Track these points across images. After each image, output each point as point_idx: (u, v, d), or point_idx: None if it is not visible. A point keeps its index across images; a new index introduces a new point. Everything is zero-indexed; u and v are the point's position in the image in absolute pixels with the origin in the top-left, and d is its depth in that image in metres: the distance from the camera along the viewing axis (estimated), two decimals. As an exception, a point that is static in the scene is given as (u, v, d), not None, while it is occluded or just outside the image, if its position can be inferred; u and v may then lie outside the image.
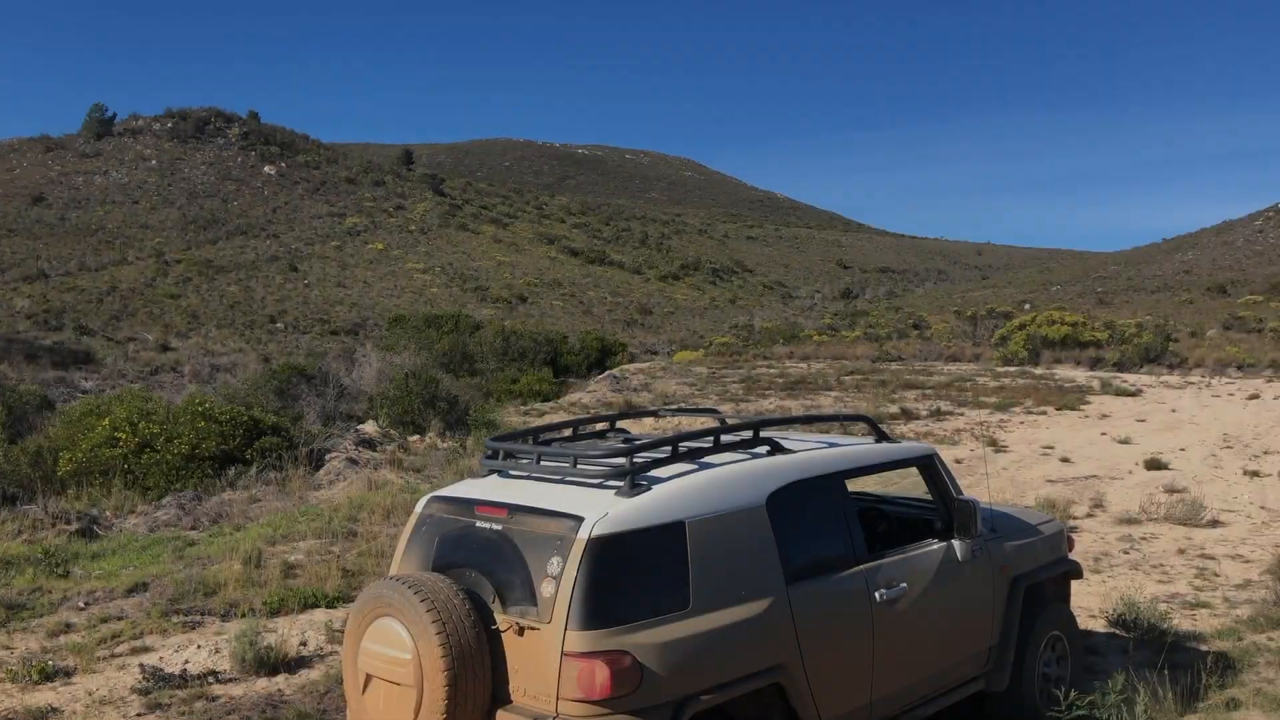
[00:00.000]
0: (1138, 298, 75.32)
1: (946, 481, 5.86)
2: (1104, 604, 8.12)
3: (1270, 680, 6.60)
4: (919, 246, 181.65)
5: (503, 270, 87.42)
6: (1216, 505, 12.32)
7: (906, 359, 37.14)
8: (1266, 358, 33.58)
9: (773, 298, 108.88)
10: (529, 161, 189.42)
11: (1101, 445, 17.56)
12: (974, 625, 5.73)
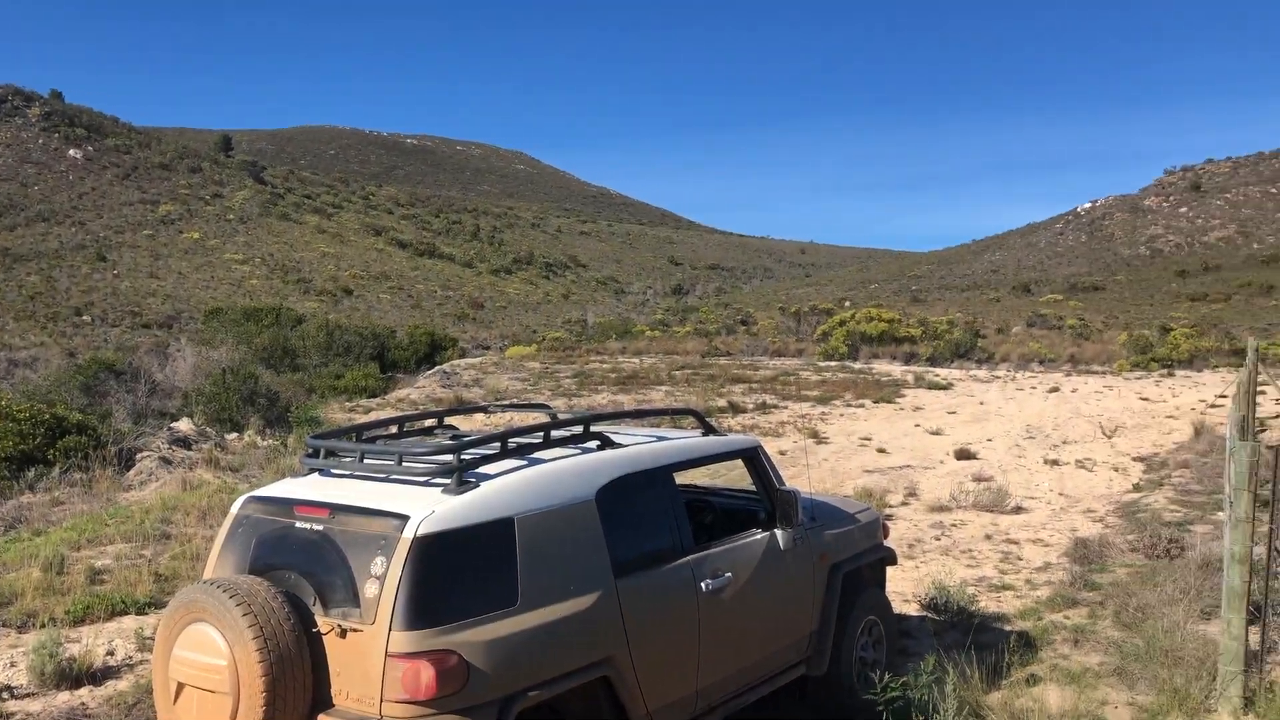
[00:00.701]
0: (949, 296, 79.19)
1: (770, 473, 6.01)
2: (917, 588, 8.50)
3: (1066, 656, 7.04)
4: (747, 245, 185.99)
5: (327, 262, 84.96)
6: (1020, 493, 13.07)
7: (735, 354, 37.97)
8: (1065, 353, 35.85)
9: (606, 293, 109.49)
10: (355, 150, 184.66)
11: (915, 436, 18.38)
12: (795, 612, 5.90)
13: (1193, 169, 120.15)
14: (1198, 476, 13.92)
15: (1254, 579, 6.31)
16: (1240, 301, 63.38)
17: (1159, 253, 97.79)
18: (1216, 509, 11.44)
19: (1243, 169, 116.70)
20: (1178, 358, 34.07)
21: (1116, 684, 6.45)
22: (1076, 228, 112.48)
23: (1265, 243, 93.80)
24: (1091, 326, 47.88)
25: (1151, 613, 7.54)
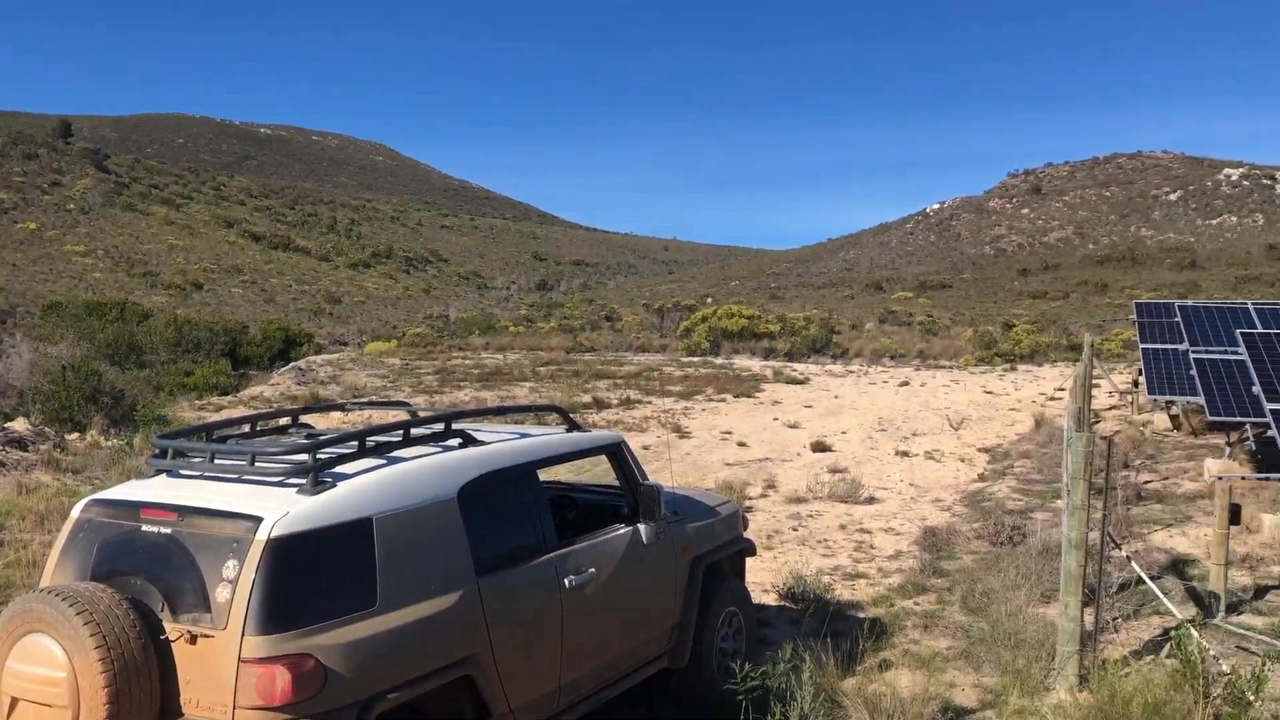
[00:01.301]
0: (806, 293, 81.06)
1: (633, 468, 6.06)
2: (776, 579, 8.69)
3: (916, 641, 7.30)
4: (611, 241, 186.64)
5: (175, 255, 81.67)
6: (873, 483, 13.49)
7: (599, 350, 38.07)
8: (915, 349, 37.15)
9: (468, 288, 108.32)
10: (206, 139, 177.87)
11: (774, 430, 18.77)
12: (658, 606, 5.96)
13: (1034, 172, 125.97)
14: (1038, 466, 14.62)
15: (1089, 563, 6.67)
16: (1077, 299, 66.75)
17: (1003, 252, 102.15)
18: (1055, 497, 12.03)
19: (1080, 173, 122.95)
20: (1020, 353, 35.71)
21: (964, 666, 6.73)
22: (926, 228, 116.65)
23: (1100, 243, 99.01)
24: (940, 323, 49.75)
25: (996, 597, 7.89)
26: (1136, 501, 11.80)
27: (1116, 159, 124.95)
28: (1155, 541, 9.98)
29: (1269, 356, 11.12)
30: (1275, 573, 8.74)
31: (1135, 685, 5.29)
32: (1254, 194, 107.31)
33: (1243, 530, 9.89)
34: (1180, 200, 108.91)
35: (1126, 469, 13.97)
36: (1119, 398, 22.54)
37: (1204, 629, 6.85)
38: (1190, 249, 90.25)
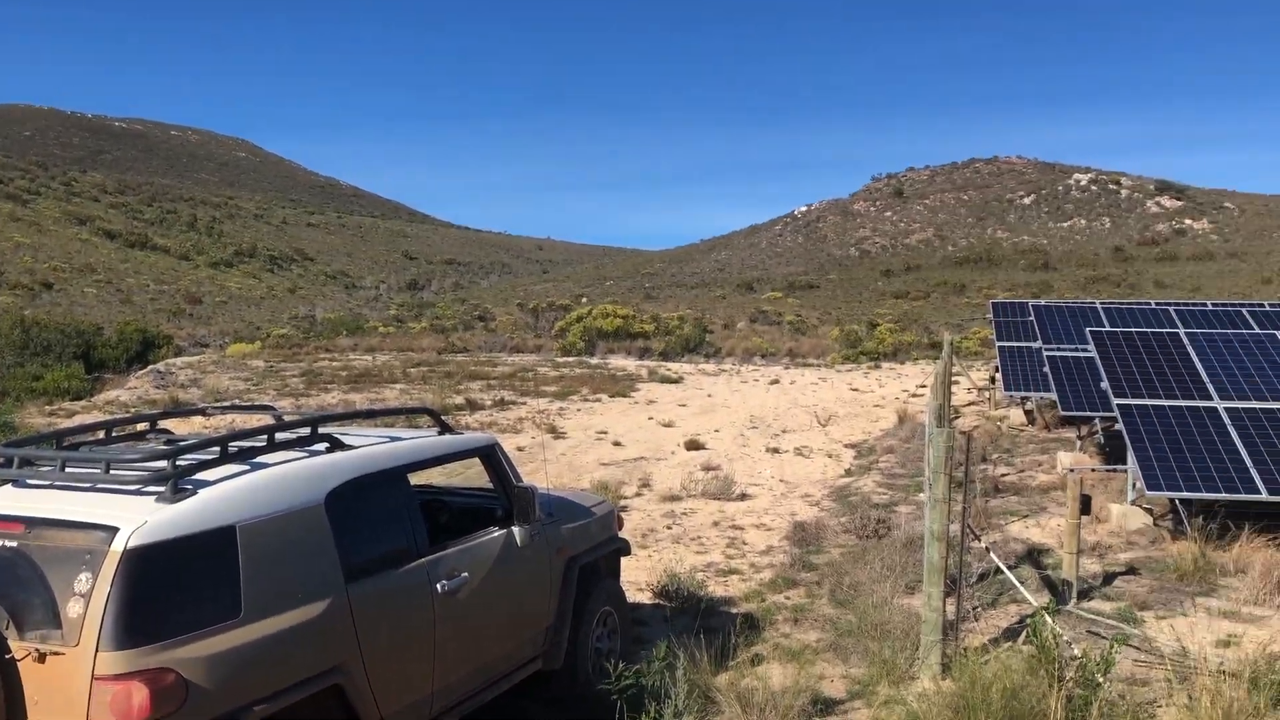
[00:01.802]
0: (680, 293, 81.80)
1: (507, 469, 6.02)
2: (651, 577, 8.74)
3: (787, 635, 7.45)
4: (483, 240, 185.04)
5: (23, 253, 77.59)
6: (745, 480, 13.70)
7: (472, 351, 37.69)
8: (785, 347, 37.88)
9: (336, 288, 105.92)
10: (55, 132, 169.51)
11: (649, 429, 18.89)
12: (533, 608, 5.93)
13: (896, 176, 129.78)
14: (902, 461, 15.07)
15: (950, 554, 6.90)
16: (937, 299, 69.05)
17: (867, 253, 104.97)
18: (918, 490, 12.42)
19: (939, 177, 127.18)
20: (883, 351, 36.77)
21: (833, 658, 6.89)
22: (794, 229, 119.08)
23: (958, 245, 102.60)
24: (808, 322, 50.83)
25: (863, 590, 8.10)
26: (994, 494, 12.28)
27: (974, 164, 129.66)
28: (1012, 532, 10.40)
29: (1115, 354, 11.70)
30: (1123, 560, 9.20)
31: (995, 672, 5.50)
32: (1101, 198, 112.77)
33: (1093, 520, 10.38)
34: (1034, 204, 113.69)
35: (985, 463, 14.52)
36: (977, 394, 23.40)
37: (1058, 615, 7.16)
38: (1043, 250, 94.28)
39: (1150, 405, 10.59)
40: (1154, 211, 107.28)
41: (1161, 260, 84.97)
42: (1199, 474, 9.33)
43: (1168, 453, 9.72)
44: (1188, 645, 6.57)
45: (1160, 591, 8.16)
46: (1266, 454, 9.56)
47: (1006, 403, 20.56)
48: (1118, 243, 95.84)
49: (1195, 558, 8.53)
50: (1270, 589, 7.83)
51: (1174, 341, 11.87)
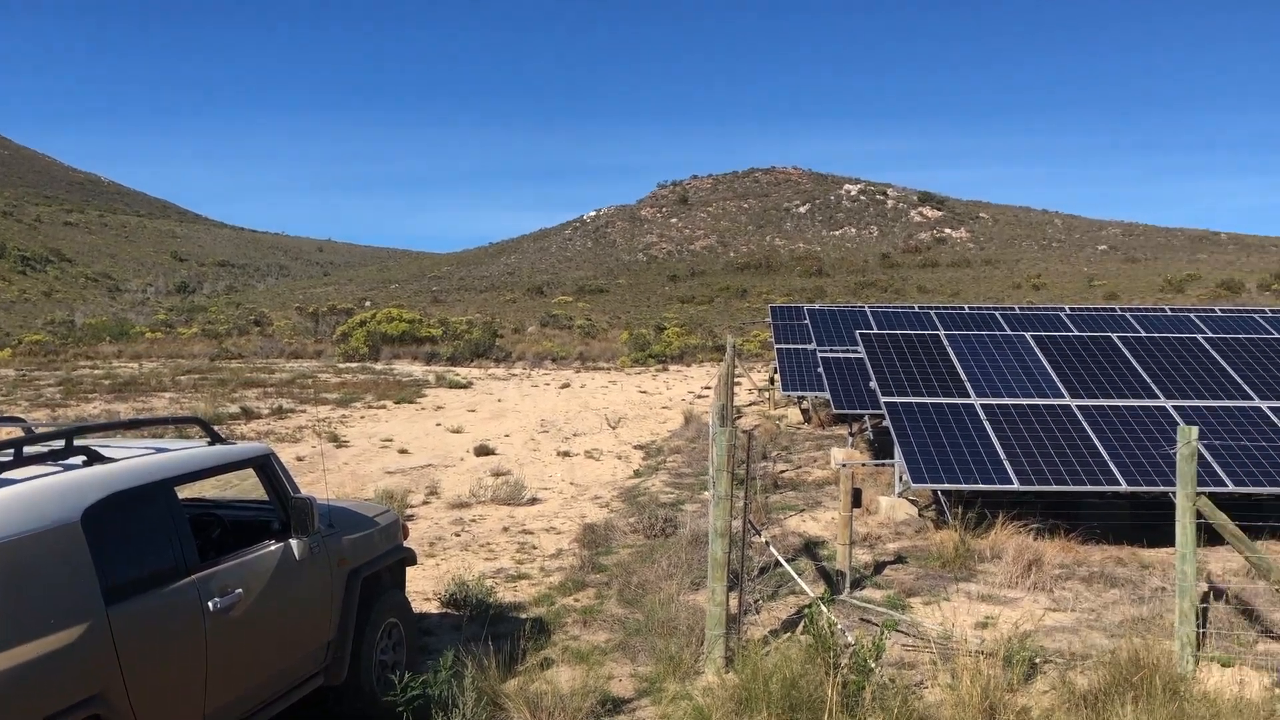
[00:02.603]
0: (469, 296, 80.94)
1: (283, 480, 5.77)
2: (438, 586, 8.60)
3: (576, 637, 7.47)
4: (259, 241, 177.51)
5: None
6: (535, 484, 13.68)
7: (248, 356, 36.09)
8: (575, 351, 38.10)
9: (97, 291, 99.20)
10: None
11: (437, 435, 18.59)
12: (313, 623, 5.71)
13: (681, 184, 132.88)
14: (688, 460, 15.42)
15: (733, 550, 7.10)
16: (721, 303, 71.07)
17: (654, 259, 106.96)
18: (703, 489, 12.74)
19: (722, 185, 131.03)
20: (671, 354, 37.54)
21: (621, 658, 6.96)
22: (584, 234, 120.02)
23: (740, 251, 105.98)
24: (598, 326, 51.32)
25: (650, 588, 8.23)
26: (774, 490, 12.74)
27: (754, 173, 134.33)
28: (791, 526, 10.81)
29: (883, 355, 12.34)
30: (891, 549, 9.71)
31: (775, 663, 5.69)
32: (869, 208, 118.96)
33: (864, 512, 10.93)
34: (809, 213, 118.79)
35: (765, 460, 15.04)
36: (758, 394, 24.23)
37: (833, 605, 7.48)
38: (818, 257, 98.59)
39: (914, 403, 11.23)
40: (917, 221, 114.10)
41: (924, 266, 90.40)
42: (958, 467, 9.97)
43: (930, 447, 10.33)
44: (951, 628, 7.00)
45: (926, 578, 8.66)
46: (1017, 446, 10.31)
47: (785, 402, 21.38)
48: (885, 250, 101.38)
49: (956, 545, 9.10)
50: (1021, 572, 8.44)
51: (935, 343, 12.63)
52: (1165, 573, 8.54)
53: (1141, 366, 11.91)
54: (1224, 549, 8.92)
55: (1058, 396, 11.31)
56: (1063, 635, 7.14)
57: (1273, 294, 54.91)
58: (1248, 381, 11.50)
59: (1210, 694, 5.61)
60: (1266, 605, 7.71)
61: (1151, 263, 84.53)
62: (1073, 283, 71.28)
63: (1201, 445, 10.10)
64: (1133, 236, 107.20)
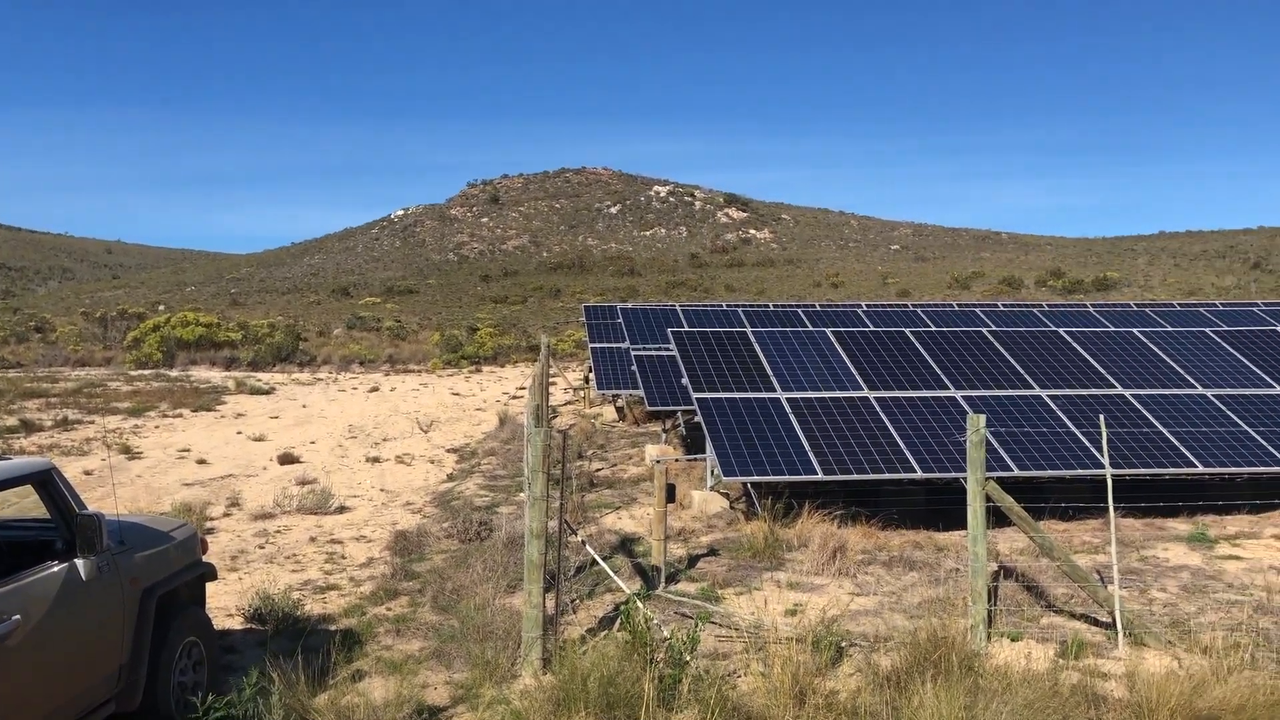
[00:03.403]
0: (270, 299, 77.97)
1: (66, 497, 5.39)
2: (241, 601, 8.23)
3: (389, 647, 7.28)
4: (39, 242, 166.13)
5: None
6: (344, 492, 13.29)
7: (28, 365, 33.72)
8: (384, 354, 37.25)
9: None
10: None
11: (238, 444, 17.81)
12: (104, 647, 5.36)
13: (492, 183, 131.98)
14: (503, 462, 15.30)
15: (550, 550, 7.07)
16: (534, 303, 70.95)
17: (465, 258, 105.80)
18: (519, 490, 12.66)
19: (533, 185, 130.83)
20: (484, 354, 37.21)
21: (436, 665, 6.82)
22: (391, 234, 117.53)
23: (553, 251, 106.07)
24: (408, 328, 50.33)
25: (466, 593, 8.11)
26: (590, 488, 12.78)
27: (565, 174, 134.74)
28: (607, 524, 10.87)
29: (694, 352, 12.57)
30: (705, 542, 9.90)
31: (593, 661, 5.69)
32: (678, 209, 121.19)
33: (678, 507, 11.10)
34: (620, 213, 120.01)
35: (581, 459, 15.09)
36: (574, 393, 24.29)
37: (649, 600, 7.55)
38: (630, 257, 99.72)
39: (725, 398, 11.48)
40: (724, 222, 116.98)
41: (731, 266, 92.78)
42: (766, 459, 10.25)
43: (740, 441, 10.59)
44: (762, 617, 7.18)
45: (738, 569, 8.86)
46: (821, 438, 10.68)
47: (600, 401, 21.51)
48: (694, 250, 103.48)
49: (766, 536, 9.35)
50: (827, 559, 8.74)
51: (743, 339, 12.96)
52: (959, 554, 9.01)
53: (933, 359, 12.55)
54: (1011, 529, 9.49)
55: (857, 389, 11.79)
56: (867, 619, 7.44)
57: (1049, 289, 58.96)
58: (1029, 372, 12.28)
59: (1002, 667, 5.96)
60: (1050, 581, 8.24)
61: (940, 261, 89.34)
62: (868, 280, 74.59)
63: (989, 433, 10.72)
64: (922, 236, 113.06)
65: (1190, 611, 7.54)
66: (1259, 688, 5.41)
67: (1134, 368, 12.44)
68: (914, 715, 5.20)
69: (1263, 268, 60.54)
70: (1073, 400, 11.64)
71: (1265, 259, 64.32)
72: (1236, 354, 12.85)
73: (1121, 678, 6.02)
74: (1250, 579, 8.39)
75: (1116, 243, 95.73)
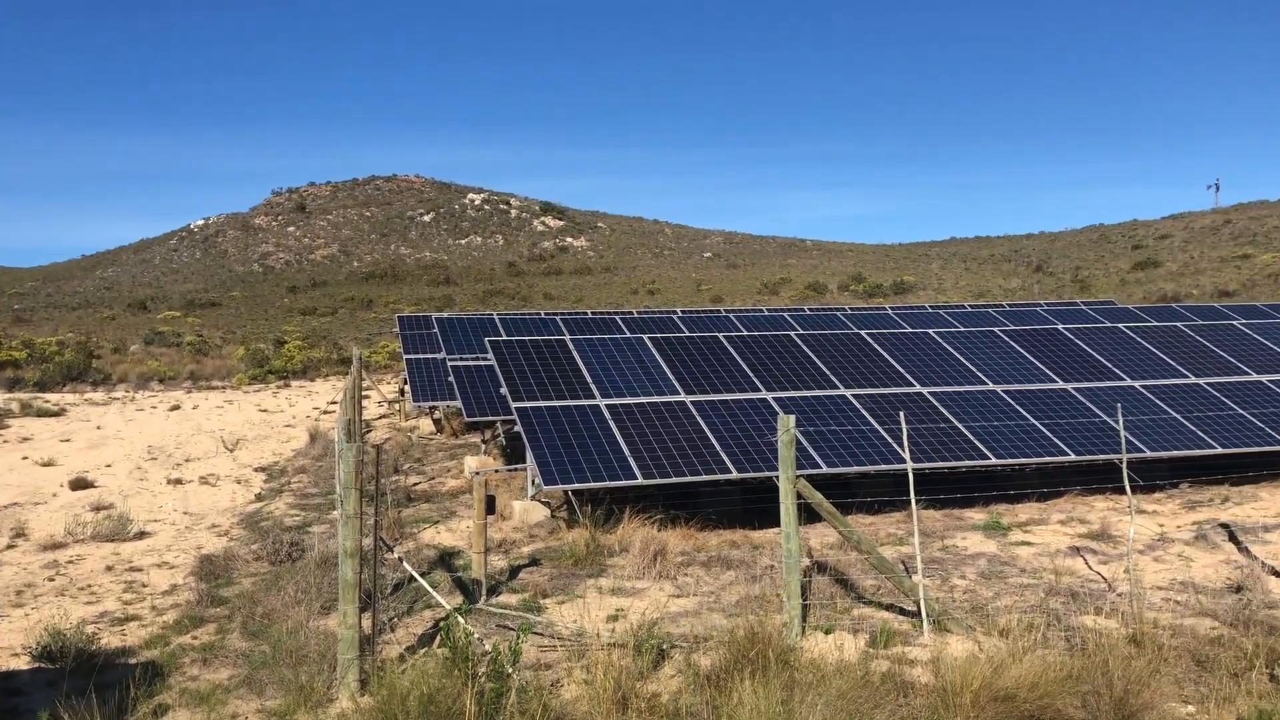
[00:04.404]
0: (59, 314, 73.20)
1: None
2: (29, 639, 7.67)
3: (196, 677, 6.93)
4: None
5: None
6: (144, 517, 12.58)
7: None
8: (186, 370, 35.51)
9: None
10: None
11: (24, 470, 16.63)
12: None
13: (298, 191, 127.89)
14: (315, 480, 14.81)
15: (365, 569, 6.88)
16: (345, 314, 69.08)
17: (271, 269, 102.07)
18: (332, 508, 12.28)
19: (341, 193, 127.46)
20: (293, 369, 35.97)
21: (247, 694, 6.53)
22: (191, 244, 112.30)
23: (364, 260, 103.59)
24: (210, 342, 48.14)
25: (277, 617, 7.80)
26: (408, 503, 12.52)
27: (375, 181, 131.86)
28: (425, 539, 10.67)
29: (512, 361, 12.49)
30: (526, 553, 9.84)
31: (412, 680, 5.56)
32: (494, 217, 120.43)
33: (499, 518, 11.00)
34: (434, 221, 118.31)
35: (397, 474, 14.77)
36: (389, 406, 23.75)
37: (470, 615, 7.45)
38: (445, 266, 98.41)
39: (544, 406, 11.46)
40: (540, 230, 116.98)
41: (549, 274, 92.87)
42: (587, 466, 10.28)
43: (560, 449, 10.58)
44: (584, 625, 7.18)
45: (560, 578, 8.84)
46: (640, 443, 10.79)
47: (416, 413, 21.12)
48: (511, 258, 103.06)
49: (587, 543, 9.37)
50: (648, 563, 8.83)
51: (561, 347, 12.97)
52: (774, 551, 9.26)
53: (745, 363, 12.87)
54: (823, 525, 9.82)
55: (674, 394, 11.97)
56: (686, 620, 7.54)
57: (851, 293, 61.49)
58: (834, 373, 12.75)
59: (817, 660, 6.14)
60: (859, 574, 8.57)
61: (750, 268, 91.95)
62: (683, 287, 76.03)
63: (799, 432, 11.07)
64: (733, 244, 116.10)
65: (988, 596, 7.97)
66: (1050, 665, 5.76)
67: (930, 367, 13.09)
68: (733, 713, 5.30)
69: (1044, 270, 64.87)
70: (875, 399, 12.15)
71: (1046, 262, 68.93)
72: (1023, 352, 13.70)
73: (927, 664, 6.30)
74: (1040, 563, 8.95)
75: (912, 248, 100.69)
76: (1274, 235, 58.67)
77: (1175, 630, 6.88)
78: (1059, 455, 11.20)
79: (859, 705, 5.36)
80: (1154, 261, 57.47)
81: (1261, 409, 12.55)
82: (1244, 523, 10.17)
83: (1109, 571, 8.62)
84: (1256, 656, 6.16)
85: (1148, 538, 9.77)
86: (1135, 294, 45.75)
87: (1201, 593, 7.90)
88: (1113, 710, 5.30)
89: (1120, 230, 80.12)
